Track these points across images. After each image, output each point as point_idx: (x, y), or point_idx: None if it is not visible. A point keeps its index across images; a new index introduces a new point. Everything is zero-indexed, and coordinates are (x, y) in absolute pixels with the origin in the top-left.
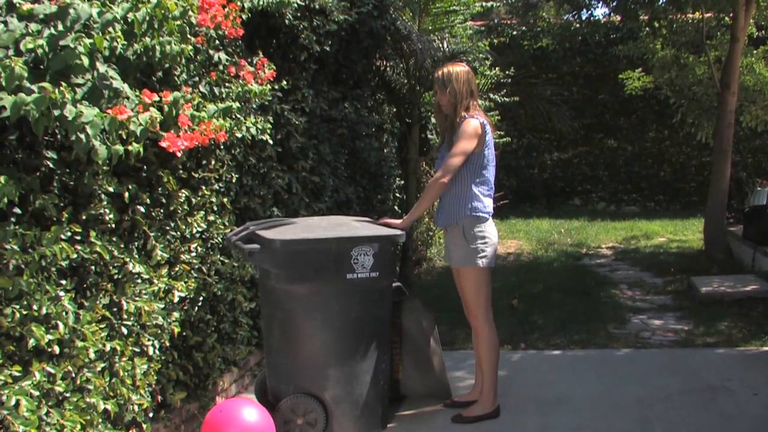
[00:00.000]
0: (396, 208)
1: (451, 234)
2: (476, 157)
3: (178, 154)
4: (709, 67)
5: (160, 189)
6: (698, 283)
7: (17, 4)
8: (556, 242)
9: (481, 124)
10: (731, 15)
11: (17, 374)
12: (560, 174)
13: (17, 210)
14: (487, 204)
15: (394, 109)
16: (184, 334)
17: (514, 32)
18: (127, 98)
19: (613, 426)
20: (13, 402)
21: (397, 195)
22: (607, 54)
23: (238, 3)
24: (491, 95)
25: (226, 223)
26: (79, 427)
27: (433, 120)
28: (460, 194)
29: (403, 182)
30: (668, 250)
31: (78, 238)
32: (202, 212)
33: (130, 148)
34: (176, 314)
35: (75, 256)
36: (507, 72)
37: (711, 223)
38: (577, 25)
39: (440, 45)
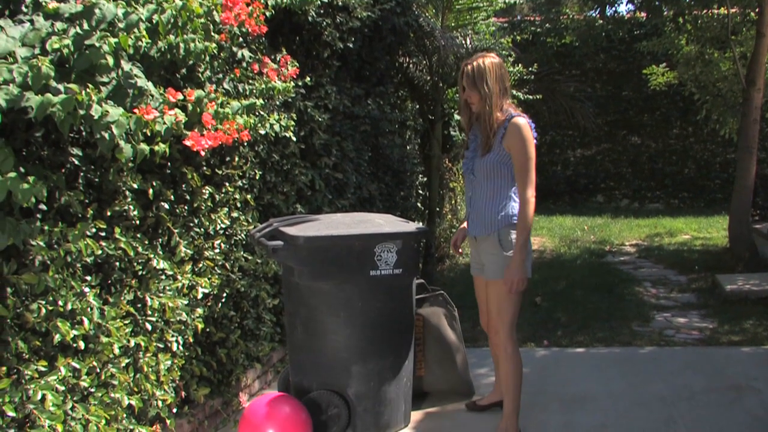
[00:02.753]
0: (419, 205)
1: (484, 243)
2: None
3: (202, 153)
4: (735, 63)
5: (184, 186)
6: (723, 280)
7: (43, 3)
8: (579, 239)
9: (528, 124)
10: (757, 10)
11: (43, 369)
12: (583, 171)
13: (43, 206)
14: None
15: (417, 106)
16: (207, 330)
17: (538, 29)
18: (152, 97)
19: (636, 424)
20: (39, 396)
21: (420, 192)
22: (631, 50)
23: (262, 0)
24: (514, 92)
25: (250, 220)
26: (103, 422)
27: (456, 117)
28: (497, 200)
29: (425, 179)
30: (692, 247)
31: (103, 234)
32: (226, 209)
33: (156, 148)
34: (200, 310)
35: (100, 252)
36: (530, 69)
37: (736, 220)
38: (601, 22)
39: (463, 42)
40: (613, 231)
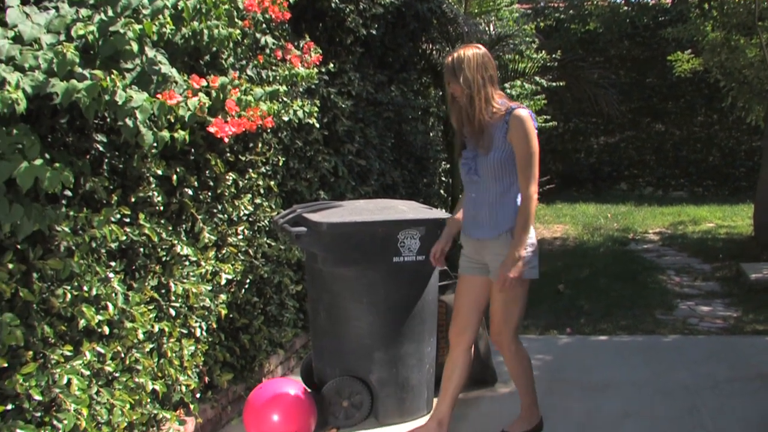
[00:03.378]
0: (442, 191)
1: (492, 244)
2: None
3: (226, 140)
4: (761, 50)
5: (207, 172)
6: (747, 269)
7: None
8: (603, 227)
9: (530, 115)
10: None
11: (69, 354)
12: (607, 158)
13: (68, 193)
14: None
15: (440, 93)
16: (231, 316)
17: (561, 15)
18: (176, 83)
19: (659, 413)
20: (65, 381)
21: (443, 179)
22: (656, 37)
23: None
24: (537, 79)
25: (273, 206)
26: (128, 406)
27: None
28: (508, 199)
29: (448, 166)
30: (716, 235)
31: (127, 220)
32: (249, 195)
33: (176, 135)
34: (223, 296)
35: (124, 238)
36: (553, 56)
37: (761, 208)
38: (626, 8)
39: (486, 28)
40: (637, 219)
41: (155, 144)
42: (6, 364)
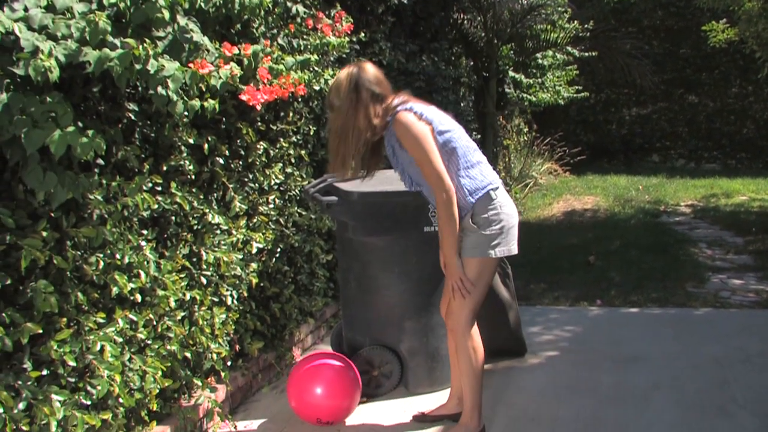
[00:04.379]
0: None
1: (462, 223)
2: (442, 148)
3: (258, 108)
4: None
5: (238, 141)
6: None
7: None
8: (634, 199)
9: (414, 113)
10: None
11: (102, 321)
12: (639, 130)
13: (100, 161)
14: (483, 175)
15: (471, 63)
16: (261, 284)
17: None
18: (208, 51)
19: (690, 385)
20: (98, 347)
21: None
22: (690, 6)
23: None
24: (569, 49)
25: (304, 176)
26: (160, 373)
27: (511, 73)
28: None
29: (479, 136)
30: (750, 209)
31: (159, 188)
32: (280, 164)
33: (206, 104)
34: (254, 265)
35: (156, 206)
36: (586, 26)
37: None
38: None
39: None
40: (669, 191)
41: (186, 113)
42: (41, 331)
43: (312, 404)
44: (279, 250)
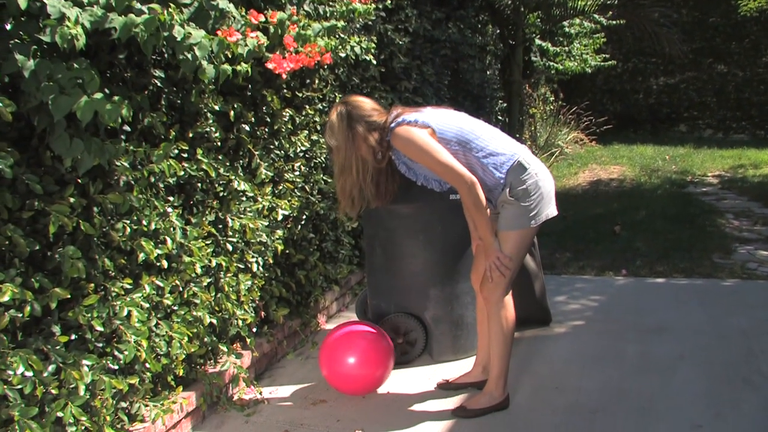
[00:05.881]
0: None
1: (501, 198)
2: (452, 141)
3: (284, 76)
4: None
5: (264, 108)
6: None
7: None
8: (661, 169)
9: (408, 123)
10: None
11: (128, 287)
12: (666, 99)
13: (127, 128)
14: (504, 148)
15: (498, 31)
16: (287, 251)
17: None
18: (234, 18)
19: (715, 356)
20: (125, 313)
21: (500, 117)
22: None
23: None
24: (596, 17)
25: None
26: (186, 339)
27: (537, 41)
28: (482, 180)
29: (505, 105)
30: None
31: (185, 155)
32: (306, 131)
33: (238, 68)
34: (280, 232)
35: (182, 173)
36: None
37: None
38: None
39: None
40: (696, 161)
41: (217, 78)
42: (69, 296)
43: (345, 374)
44: (304, 217)
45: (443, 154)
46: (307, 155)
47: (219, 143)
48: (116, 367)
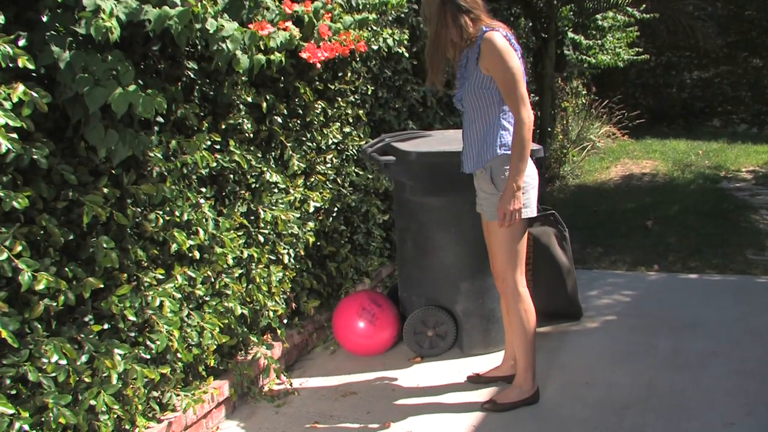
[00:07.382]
0: None
1: (479, 179)
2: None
3: (318, 65)
4: None
5: (296, 100)
6: None
7: None
8: (694, 164)
9: (504, 36)
10: None
11: (161, 277)
12: (700, 94)
13: (160, 119)
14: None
15: (530, 24)
16: (318, 243)
17: None
18: (267, 9)
19: (748, 353)
20: (157, 303)
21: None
22: None
23: None
24: (630, 10)
25: (362, 135)
26: (217, 329)
27: (570, 34)
28: (486, 130)
29: (537, 98)
30: None
31: (218, 147)
32: (338, 124)
33: (272, 57)
34: (311, 224)
35: (215, 164)
36: None
37: None
38: None
39: None
40: (730, 156)
41: (251, 69)
42: (102, 286)
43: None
44: (336, 209)
45: (518, 76)
46: (339, 147)
47: (251, 135)
48: (148, 357)
